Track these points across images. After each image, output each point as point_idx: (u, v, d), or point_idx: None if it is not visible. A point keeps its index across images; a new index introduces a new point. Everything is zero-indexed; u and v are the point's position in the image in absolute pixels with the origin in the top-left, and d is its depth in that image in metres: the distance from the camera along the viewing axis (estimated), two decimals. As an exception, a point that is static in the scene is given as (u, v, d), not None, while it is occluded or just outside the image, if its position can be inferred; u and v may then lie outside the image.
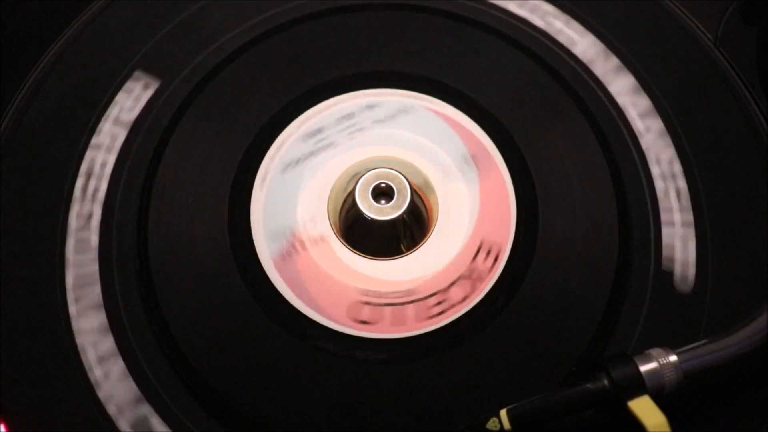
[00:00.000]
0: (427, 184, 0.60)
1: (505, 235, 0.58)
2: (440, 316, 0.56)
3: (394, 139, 0.61)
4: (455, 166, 0.60)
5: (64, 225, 0.58)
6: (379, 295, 0.56)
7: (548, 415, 0.48)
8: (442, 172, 0.60)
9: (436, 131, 0.61)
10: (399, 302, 0.56)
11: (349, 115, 0.61)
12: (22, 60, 0.63)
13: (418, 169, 0.60)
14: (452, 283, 0.57)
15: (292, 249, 0.57)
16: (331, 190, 0.60)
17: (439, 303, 0.56)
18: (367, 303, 0.56)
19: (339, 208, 0.60)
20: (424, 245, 0.58)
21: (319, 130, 0.60)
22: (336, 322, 0.55)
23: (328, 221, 0.59)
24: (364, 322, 0.55)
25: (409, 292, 0.57)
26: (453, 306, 0.56)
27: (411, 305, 0.56)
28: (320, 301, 0.56)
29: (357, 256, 0.58)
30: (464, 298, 0.56)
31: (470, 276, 0.57)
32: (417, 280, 0.57)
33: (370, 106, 0.61)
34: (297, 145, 0.60)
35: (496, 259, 0.57)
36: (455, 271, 0.57)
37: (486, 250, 0.57)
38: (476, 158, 0.60)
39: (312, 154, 0.60)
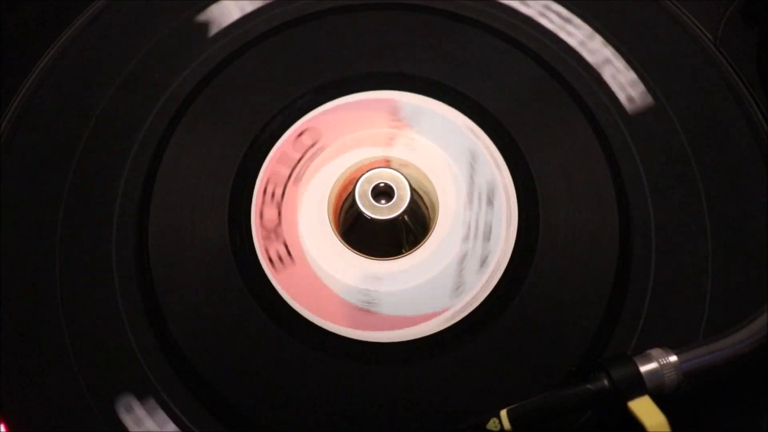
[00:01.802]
0: (427, 183, 0.60)
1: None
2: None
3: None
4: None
5: (64, 225, 0.58)
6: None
7: (548, 415, 0.48)
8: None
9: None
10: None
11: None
12: (22, 60, 0.63)
13: (418, 168, 0.60)
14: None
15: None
16: (332, 190, 0.60)
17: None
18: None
19: (339, 208, 0.60)
20: (424, 245, 0.58)
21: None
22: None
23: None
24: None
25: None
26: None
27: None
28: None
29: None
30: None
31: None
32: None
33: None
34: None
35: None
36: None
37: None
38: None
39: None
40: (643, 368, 0.48)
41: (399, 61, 0.62)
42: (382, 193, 0.59)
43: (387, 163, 0.60)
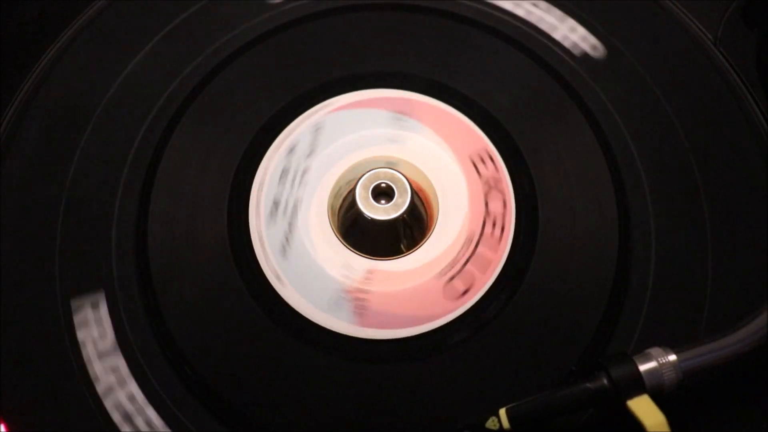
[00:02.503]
0: (427, 183, 0.60)
1: (505, 234, 0.58)
2: (504, 235, 0.57)
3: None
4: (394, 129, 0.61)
5: (64, 225, 0.58)
6: (453, 263, 0.57)
7: (547, 414, 0.48)
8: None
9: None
10: (471, 253, 0.57)
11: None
12: (22, 60, 0.63)
13: (419, 168, 0.60)
14: (486, 203, 0.59)
15: (359, 302, 0.57)
16: (331, 190, 0.60)
17: (494, 225, 0.58)
18: (452, 277, 0.57)
19: (339, 208, 0.60)
20: (425, 245, 0.58)
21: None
22: (448, 314, 0.56)
23: (353, 256, 0.58)
24: (465, 292, 0.56)
25: (468, 240, 0.58)
26: (504, 218, 0.58)
27: (480, 246, 0.57)
28: (419, 312, 0.56)
29: (406, 256, 0.58)
30: (504, 205, 0.58)
31: (490, 186, 0.59)
32: (462, 228, 0.58)
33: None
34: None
35: (493, 161, 0.59)
36: (478, 195, 0.59)
37: (480, 161, 0.59)
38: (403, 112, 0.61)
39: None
40: (643, 367, 0.48)
41: (399, 61, 0.62)
42: (382, 193, 0.59)
43: (387, 164, 0.60)
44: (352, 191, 0.58)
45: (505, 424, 0.47)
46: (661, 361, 0.48)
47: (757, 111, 0.62)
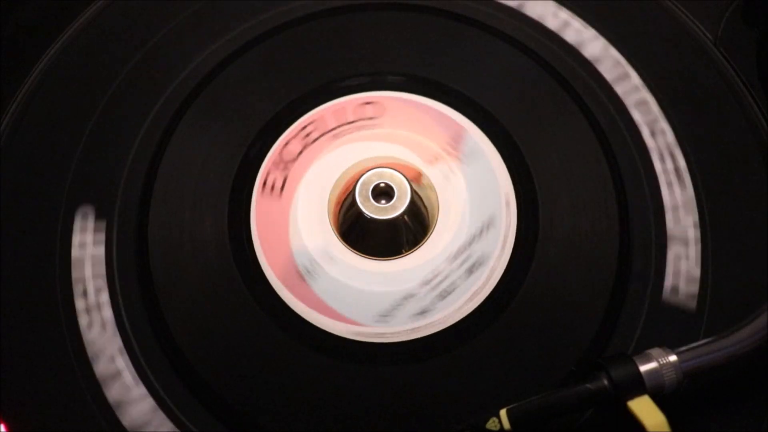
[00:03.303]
0: (427, 182, 0.60)
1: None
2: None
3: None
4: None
5: (64, 225, 0.58)
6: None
7: (548, 414, 0.48)
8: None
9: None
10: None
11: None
12: (22, 60, 0.63)
13: (418, 168, 0.60)
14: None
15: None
16: (331, 191, 0.60)
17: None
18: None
19: (339, 207, 0.60)
20: (425, 245, 0.58)
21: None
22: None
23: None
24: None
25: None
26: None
27: None
28: None
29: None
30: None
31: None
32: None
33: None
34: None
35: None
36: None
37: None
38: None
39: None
40: (643, 368, 0.48)
41: (398, 61, 0.62)
42: (382, 193, 0.59)
43: (376, 163, 0.60)
44: (352, 191, 0.58)
45: (506, 424, 0.47)
46: (661, 362, 0.48)
47: (757, 111, 0.62)
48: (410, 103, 0.61)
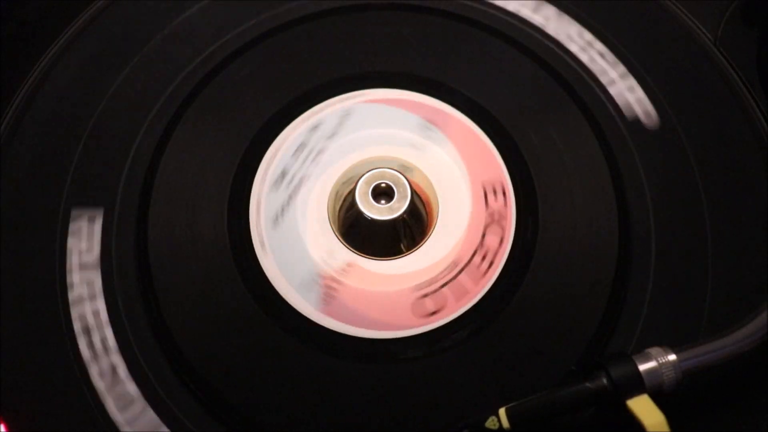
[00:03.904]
0: (427, 183, 0.60)
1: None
2: (491, 270, 0.56)
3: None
4: (419, 136, 0.61)
5: (63, 225, 0.58)
6: (431, 282, 0.57)
7: (547, 413, 0.48)
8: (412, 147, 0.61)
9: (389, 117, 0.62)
10: (451, 277, 0.56)
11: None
12: (22, 60, 0.63)
13: (419, 168, 0.60)
14: (483, 234, 0.57)
15: (329, 290, 0.57)
16: (331, 191, 0.60)
17: (484, 258, 0.57)
18: (425, 295, 0.56)
19: (339, 208, 0.60)
20: (425, 245, 0.58)
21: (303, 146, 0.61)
22: (409, 328, 0.55)
23: (340, 245, 0.58)
24: (433, 313, 0.56)
25: (454, 264, 0.57)
26: (496, 254, 0.57)
27: (462, 274, 0.57)
28: (384, 318, 0.56)
29: (390, 261, 0.58)
30: (501, 241, 0.57)
31: (493, 219, 0.58)
32: (452, 251, 0.57)
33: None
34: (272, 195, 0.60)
35: (505, 195, 0.58)
36: (478, 224, 0.58)
37: (492, 191, 0.58)
38: (434, 122, 0.61)
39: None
40: (642, 367, 0.48)
41: (398, 61, 0.62)
42: (382, 193, 0.59)
43: (400, 167, 0.60)
44: (352, 191, 0.58)
45: (505, 423, 0.47)
46: (660, 361, 0.48)
47: (757, 111, 0.62)
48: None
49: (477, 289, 0.56)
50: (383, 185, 0.58)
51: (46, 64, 0.63)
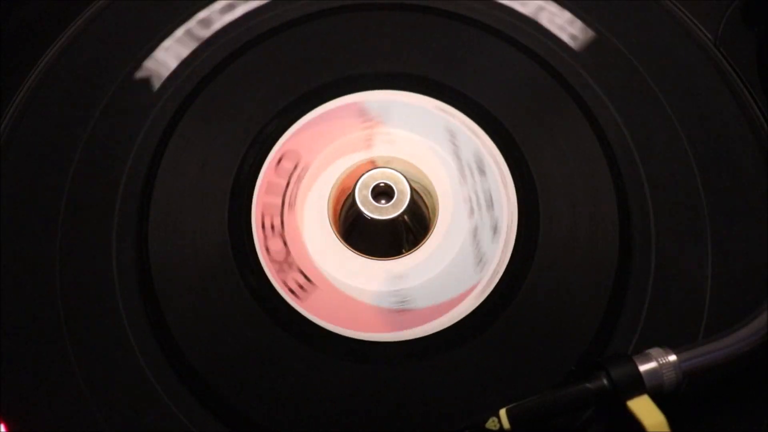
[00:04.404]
0: (427, 182, 0.60)
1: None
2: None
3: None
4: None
5: (64, 225, 0.58)
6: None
7: (547, 414, 0.48)
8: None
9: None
10: None
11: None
12: (22, 60, 0.63)
13: (417, 167, 0.60)
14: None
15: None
16: (331, 191, 0.60)
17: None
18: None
19: (339, 208, 0.60)
20: (425, 245, 0.58)
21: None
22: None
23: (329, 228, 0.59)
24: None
25: None
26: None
27: None
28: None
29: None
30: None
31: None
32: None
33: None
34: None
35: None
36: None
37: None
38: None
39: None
40: (642, 368, 0.48)
41: (398, 61, 0.62)
42: (382, 193, 0.59)
43: (373, 164, 0.60)
44: (352, 192, 0.58)
45: (506, 424, 0.47)
46: (661, 362, 0.48)
47: (757, 111, 0.61)
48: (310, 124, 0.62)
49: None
50: (383, 185, 0.58)
51: (46, 64, 0.63)
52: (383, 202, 0.58)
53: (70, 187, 0.59)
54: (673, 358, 0.49)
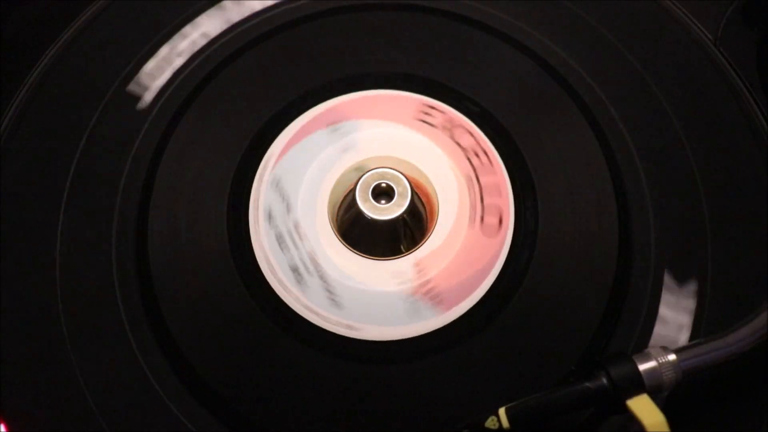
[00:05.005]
0: (427, 182, 0.60)
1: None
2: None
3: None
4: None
5: (64, 225, 0.58)
6: (473, 207, 0.59)
7: (547, 413, 0.48)
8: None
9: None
10: (478, 190, 0.59)
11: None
12: (22, 60, 0.63)
13: (418, 168, 0.60)
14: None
15: (429, 293, 0.57)
16: (331, 191, 0.60)
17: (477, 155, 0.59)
18: (482, 217, 0.59)
19: (339, 207, 0.60)
20: (425, 245, 0.58)
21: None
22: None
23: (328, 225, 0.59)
24: (500, 223, 0.58)
25: (468, 180, 0.59)
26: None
27: (481, 178, 0.59)
28: (480, 264, 0.57)
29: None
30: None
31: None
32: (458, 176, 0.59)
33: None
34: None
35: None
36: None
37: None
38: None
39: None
40: (642, 367, 0.48)
41: (399, 61, 0.62)
42: (382, 193, 0.59)
43: (372, 164, 0.60)
44: (352, 191, 0.58)
45: (505, 423, 0.47)
46: (660, 361, 0.48)
47: (757, 111, 0.62)
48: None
49: (500, 177, 0.58)
50: (383, 185, 0.58)
51: (46, 65, 0.63)
52: (383, 202, 0.58)
53: (70, 187, 0.59)
54: (672, 357, 0.49)
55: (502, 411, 0.47)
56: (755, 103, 0.62)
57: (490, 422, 0.47)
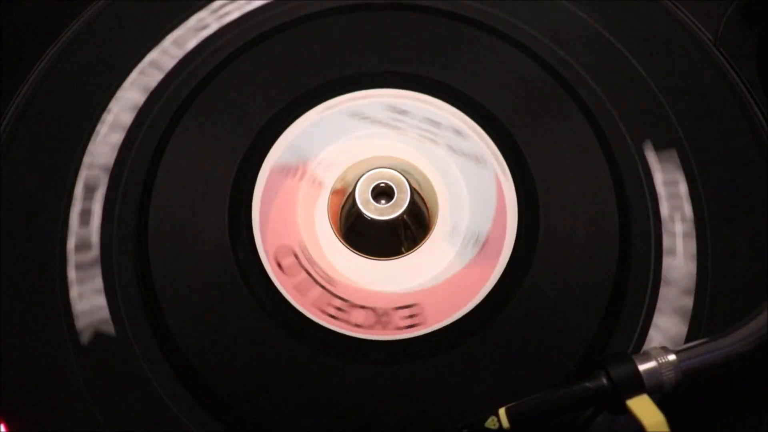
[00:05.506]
0: (427, 182, 0.60)
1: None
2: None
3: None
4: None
5: (64, 225, 0.58)
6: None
7: (547, 413, 0.47)
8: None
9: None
10: None
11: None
12: (21, 60, 0.63)
13: (419, 168, 0.60)
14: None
15: (292, 171, 0.57)
16: (331, 191, 0.60)
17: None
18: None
19: (339, 208, 0.60)
20: (425, 245, 0.58)
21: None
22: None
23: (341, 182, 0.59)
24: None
25: None
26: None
27: None
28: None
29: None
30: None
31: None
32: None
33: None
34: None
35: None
36: None
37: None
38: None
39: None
40: (642, 367, 0.48)
41: (398, 61, 0.62)
42: (382, 193, 0.59)
43: (372, 164, 0.60)
44: (352, 192, 0.58)
45: (505, 423, 0.47)
46: (660, 361, 0.48)
47: (757, 111, 0.61)
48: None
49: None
50: (383, 185, 0.58)
51: (46, 65, 0.63)
52: (383, 202, 0.58)
53: (69, 186, 0.59)
54: (672, 357, 0.49)
55: (502, 411, 0.47)
56: (755, 103, 0.62)
57: (490, 422, 0.47)
